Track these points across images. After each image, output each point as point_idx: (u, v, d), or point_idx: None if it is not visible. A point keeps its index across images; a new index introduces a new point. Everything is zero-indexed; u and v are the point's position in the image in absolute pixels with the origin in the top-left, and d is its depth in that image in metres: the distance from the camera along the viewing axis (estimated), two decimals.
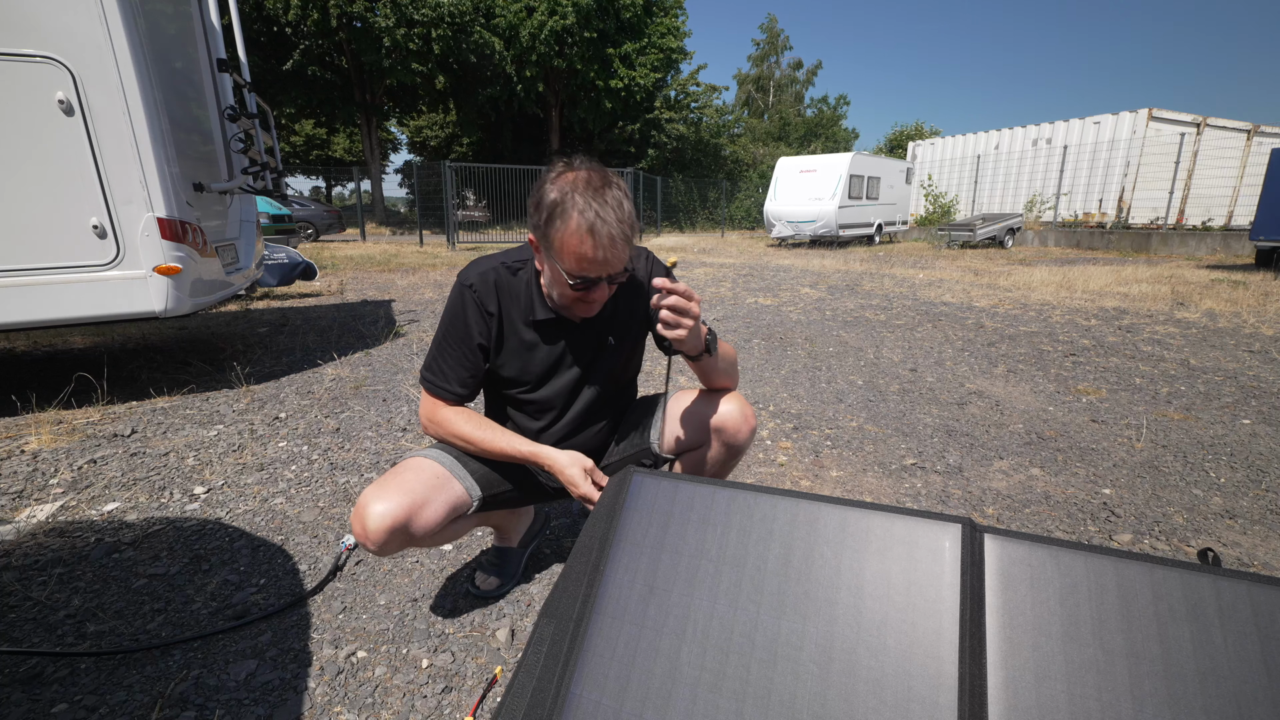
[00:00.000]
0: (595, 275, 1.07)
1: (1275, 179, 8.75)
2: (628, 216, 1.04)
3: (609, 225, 1.01)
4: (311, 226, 15.07)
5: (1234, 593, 0.65)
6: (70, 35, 2.44)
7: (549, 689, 0.76)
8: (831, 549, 0.77)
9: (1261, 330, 4.71)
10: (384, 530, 1.10)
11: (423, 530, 1.16)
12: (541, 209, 1.05)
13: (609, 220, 1.01)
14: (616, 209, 1.02)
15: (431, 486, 1.18)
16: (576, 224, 1.01)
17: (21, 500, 1.93)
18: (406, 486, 1.15)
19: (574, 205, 1.01)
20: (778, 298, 6.45)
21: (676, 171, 26.95)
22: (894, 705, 0.66)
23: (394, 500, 1.12)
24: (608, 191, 1.03)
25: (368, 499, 1.12)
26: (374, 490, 1.14)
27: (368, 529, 1.10)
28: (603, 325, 1.27)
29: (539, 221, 1.07)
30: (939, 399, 3.05)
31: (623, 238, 1.03)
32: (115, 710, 1.13)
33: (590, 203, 1.01)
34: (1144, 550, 1.72)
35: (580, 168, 1.06)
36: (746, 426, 1.30)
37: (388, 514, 1.11)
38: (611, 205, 1.02)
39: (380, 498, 1.12)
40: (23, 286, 2.54)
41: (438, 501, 1.18)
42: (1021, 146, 17.04)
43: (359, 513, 1.12)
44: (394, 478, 1.17)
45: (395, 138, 34.75)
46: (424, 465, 1.22)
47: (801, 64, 39.08)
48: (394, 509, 1.11)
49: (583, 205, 1.01)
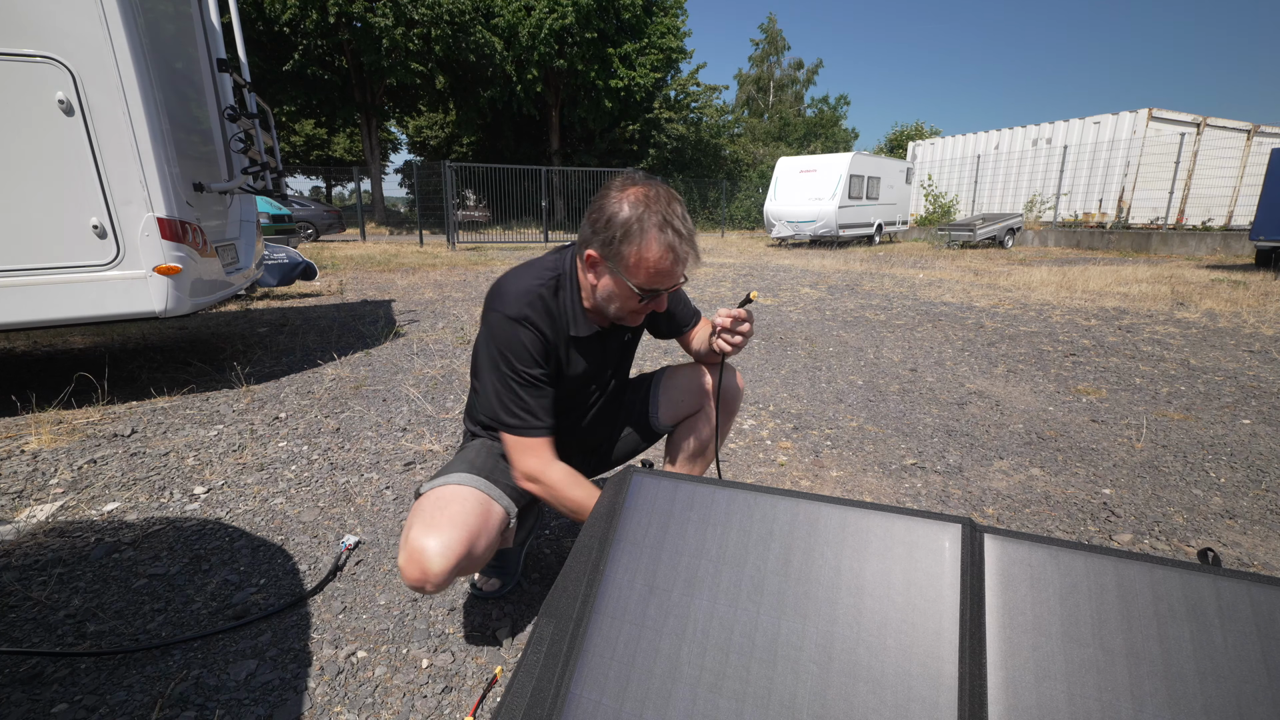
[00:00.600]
0: (664, 287, 1.12)
1: (1275, 179, 8.75)
2: (694, 230, 1.11)
3: (686, 242, 1.08)
4: (311, 226, 15.07)
5: (1234, 593, 0.65)
6: (70, 35, 2.44)
7: (549, 689, 0.76)
8: (831, 549, 0.77)
9: (1261, 330, 4.71)
10: (448, 570, 1.03)
11: (479, 560, 1.11)
12: (613, 226, 1.06)
13: (685, 236, 1.07)
14: (684, 223, 1.08)
15: (480, 514, 1.12)
16: (656, 241, 1.05)
17: (21, 500, 1.93)
18: (458, 519, 1.08)
19: (651, 223, 1.05)
20: (778, 298, 6.45)
21: (676, 171, 26.96)
22: (894, 705, 0.66)
23: (449, 535, 1.05)
24: (676, 206, 1.08)
25: (421, 539, 1.04)
26: (423, 529, 1.06)
27: (430, 571, 1.02)
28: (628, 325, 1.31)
29: (608, 238, 1.07)
30: (939, 399, 3.05)
31: (693, 255, 1.11)
32: (115, 710, 1.13)
33: (667, 221, 1.06)
34: (1144, 550, 1.72)
35: (642, 183, 1.09)
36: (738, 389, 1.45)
37: (450, 551, 1.03)
38: (683, 221, 1.08)
39: (434, 535, 1.04)
40: (23, 286, 2.54)
41: (490, 528, 1.13)
42: (1021, 146, 17.05)
43: (415, 557, 1.03)
44: (439, 512, 1.09)
45: (395, 138, 34.76)
46: (465, 494, 1.14)
47: (802, 64, 39.08)
48: (453, 544, 1.04)
49: (660, 222, 1.05)
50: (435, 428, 2.60)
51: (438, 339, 4.30)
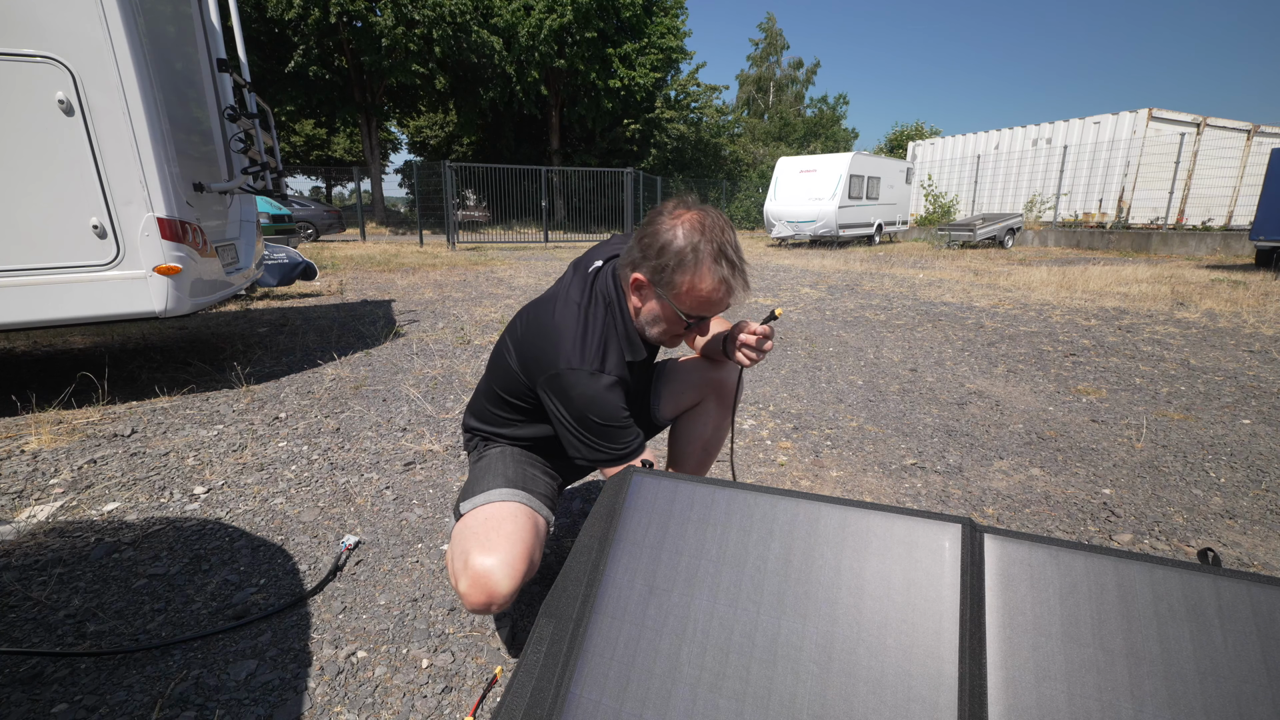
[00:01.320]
0: (711, 315, 1.14)
1: (1275, 179, 8.75)
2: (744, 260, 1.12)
3: (739, 274, 1.09)
4: (311, 226, 15.08)
5: (1234, 593, 0.65)
6: (70, 35, 2.44)
7: (549, 689, 0.76)
8: (831, 549, 0.77)
9: (1261, 330, 4.71)
10: (515, 590, 1.03)
11: (533, 573, 1.12)
12: (666, 254, 1.06)
13: (738, 267, 1.09)
14: (737, 254, 1.08)
15: (530, 528, 1.13)
16: (710, 272, 1.06)
17: (21, 500, 1.93)
18: (514, 536, 1.08)
19: (706, 253, 1.05)
20: (778, 298, 6.45)
21: (677, 171, 26.96)
22: (894, 705, 0.66)
23: (507, 551, 1.05)
24: (729, 235, 1.08)
25: (479, 559, 1.03)
26: (482, 551, 1.04)
27: (497, 592, 1.01)
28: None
29: (661, 265, 1.07)
30: (939, 399, 3.05)
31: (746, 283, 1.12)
32: (115, 710, 1.13)
33: (721, 252, 1.06)
34: (1144, 550, 1.72)
35: (696, 209, 1.10)
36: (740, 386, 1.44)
37: (514, 569, 1.03)
38: (736, 251, 1.08)
39: (493, 554, 1.03)
40: (23, 286, 2.54)
41: (541, 539, 1.16)
42: (1021, 146, 17.05)
43: (480, 581, 1.01)
44: (494, 531, 1.09)
45: (395, 138, 34.75)
46: (514, 510, 1.15)
47: (802, 63, 39.06)
48: (514, 560, 1.04)
49: (715, 253, 1.06)
50: (435, 428, 2.60)
51: (438, 339, 4.31)
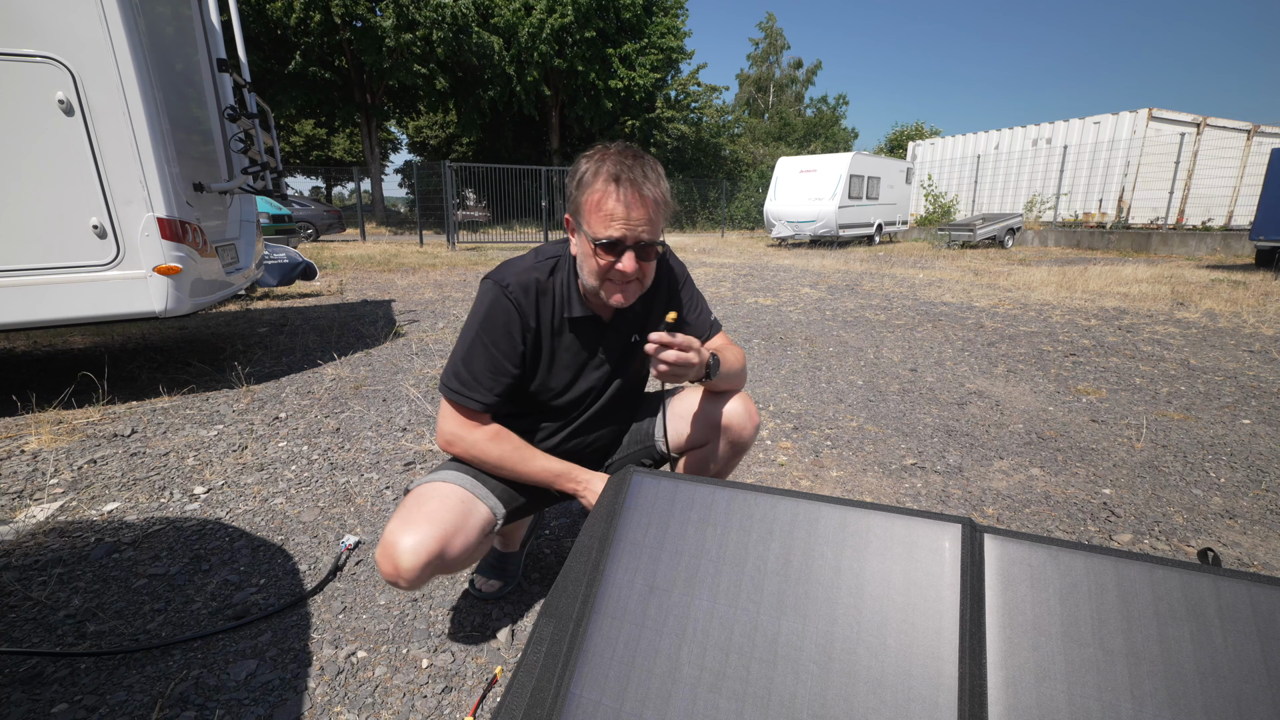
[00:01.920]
0: (620, 235, 1.04)
1: (1275, 179, 8.75)
2: (657, 180, 1.06)
3: (634, 178, 1.04)
4: (311, 226, 15.07)
5: (1234, 593, 0.65)
6: (70, 35, 2.44)
7: (549, 689, 0.76)
8: (831, 549, 0.77)
9: (1261, 330, 4.70)
10: (419, 567, 1.04)
11: (455, 559, 1.10)
12: (574, 178, 1.09)
13: (635, 176, 1.04)
14: (645, 169, 1.05)
15: (459, 513, 1.11)
16: (604, 178, 1.04)
17: (21, 500, 1.93)
18: (435, 517, 1.08)
19: (604, 166, 1.05)
20: (778, 298, 6.45)
21: (677, 171, 26.96)
22: (894, 705, 0.66)
23: (423, 532, 1.05)
24: (641, 158, 1.07)
25: (395, 535, 1.05)
26: (399, 525, 1.07)
27: (400, 567, 1.03)
28: (628, 321, 1.26)
29: (571, 191, 1.09)
30: (939, 399, 3.05)
31: (651, 197, 1.05)
32: (115, 710, 1.13)
33: (621, 161, 1.05)
34: (1144, 550, 1.72)
35: (612, 145, 1.10)
36: (751, 424, 1.30)
37: (421, 548, 1.03)
38: (642, 165, 1.05)
39: (408, 531, 1.05)
40: (23, 286, 2.54)
41: (468, 528, 1.11)
42: (1021, 146, 17.05)
43: (388, 551, 1.04)
44: (417, 509, 1.10)
45: (395, 138, 34.76)
46: (447, 491, 1.14)
47: (801, 63, 39.09)
48: (425, 541, 1.04)
49: (612, 164, 1.05)
50: (435, 428, 2.60)
51: (438, 339, 4.30)
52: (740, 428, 1.29)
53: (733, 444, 1.32)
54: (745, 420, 1.29)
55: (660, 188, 1.07)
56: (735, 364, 1.29)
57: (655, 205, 1.06)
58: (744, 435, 1.30)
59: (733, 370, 1.27)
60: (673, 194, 1.13)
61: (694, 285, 1.36)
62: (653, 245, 1.09)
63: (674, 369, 1.06)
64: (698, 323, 1.33)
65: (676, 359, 1.05)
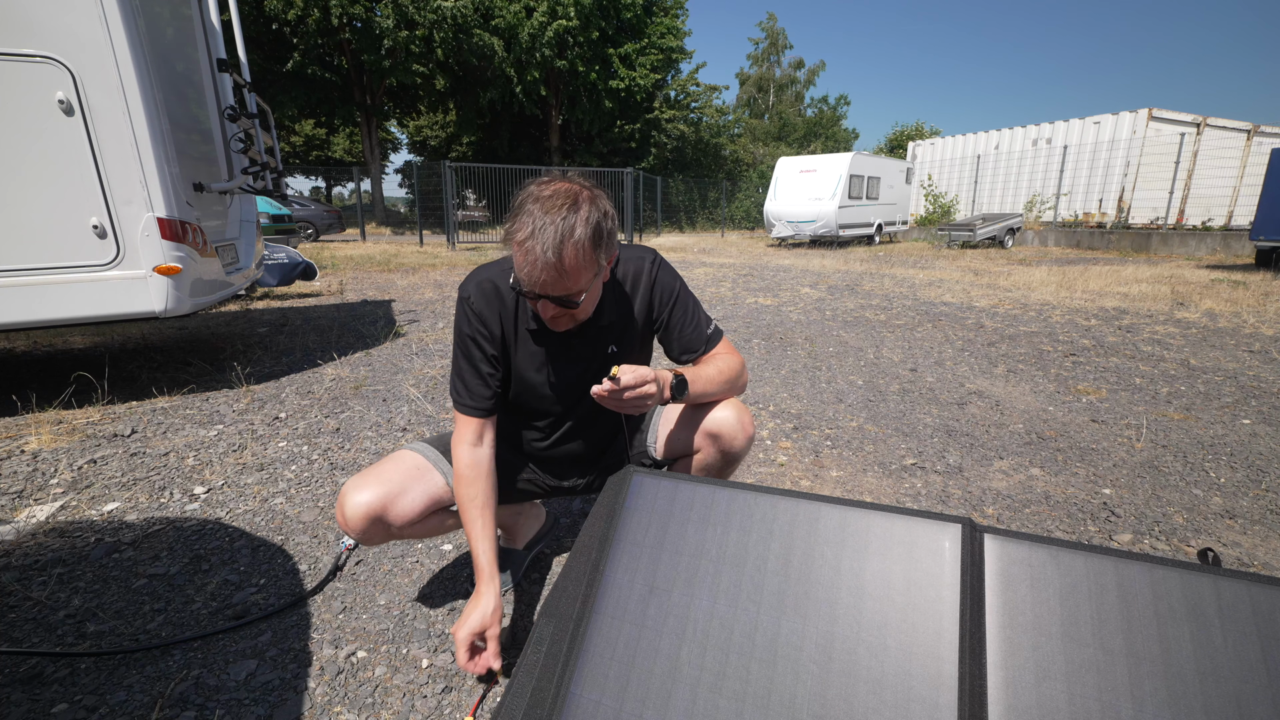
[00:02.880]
0: (529, 289, 1.02)
1: (1275, 179, 8.75)
2: (572, 241, 0.97)
3: (540, 245, 0.96)
4: (311, 226, 15.06)
5: (1234, 593, 0.65)
6: (70, 35, 2.44)
7: (549, 689, 0.76)
8: (831, 549, 0.77)
9: (1261, 330, 4.70)
10: (360, 519, 1.16)
11: (401, 520, 1.20)
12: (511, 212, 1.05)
13: (544, 241, 0.96)
14: (559, 229, 0.96)
15: (409, 477, 1.23)
16: (520, 236, 0.98)
17: (21, 500, 1.93)
18: (385, 477, 1.21)
19: (525, 215, 0.99)
20: (778, 298, 6.45)
21: (677, 171, 26.96)
22: (894, 705, 0.66)
23: (371, 490, 1.17)
24: (562, 211, 0.97)
25: (347, 489, 1.18)
26: (354, 481, 1.20)
27: (346, 518, 1.16)
28: (600, 333, 1.22)
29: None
30: (939, 399, 3.05)
31: (555, 263, 0.97)
32: (115, 710, 1.13)
33: (537, 218, 0.97)
34: (1144, 550, 1.72)
35: (562, 180, 1.02)
36: (743, 434, 1.26)
37: (363, 503, 1.16)
38: (555, 226, 0.96)
39: (359, 488, 1.18)
40: (23, 286, 2.54)
41: (414, 492, 1.22)
42: (1021, 146, 17.05)
43: (340, 502, 1.18)
44: (374, 470, 1.23)
45: (395, 138, 34.74)
46: (404, 456, 1.27)
47: (803, 63, 39.08)
48: (370, 499, 1.16)
49: (526, 219, 0.98)
50: (435, 428, 2.60)
51: (438, 339, 4.30)
52: (731, 437, 1.26)
53: (724, 453, 1.28)
54: (736, 430, 1.25)
55: (570, 241, 0.97)
56: (717, 378, 1.24)
57: (559, 271, 0.98)
58: (734, 445, 1.27)
59: (712, 386, 1.23)
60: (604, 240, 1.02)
61: (689, 298, 1.29)
62: (567, 299, 1.04)
63: (630, 406, 1.06)
64: (692, 337, 1.28)
65: (630, 398, 1.05)
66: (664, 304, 1.26)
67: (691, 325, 1.28)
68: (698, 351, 1.29)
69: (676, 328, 1.27)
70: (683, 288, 1.29)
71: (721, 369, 1.25)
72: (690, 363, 1.30)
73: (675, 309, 1.27)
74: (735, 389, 1.29)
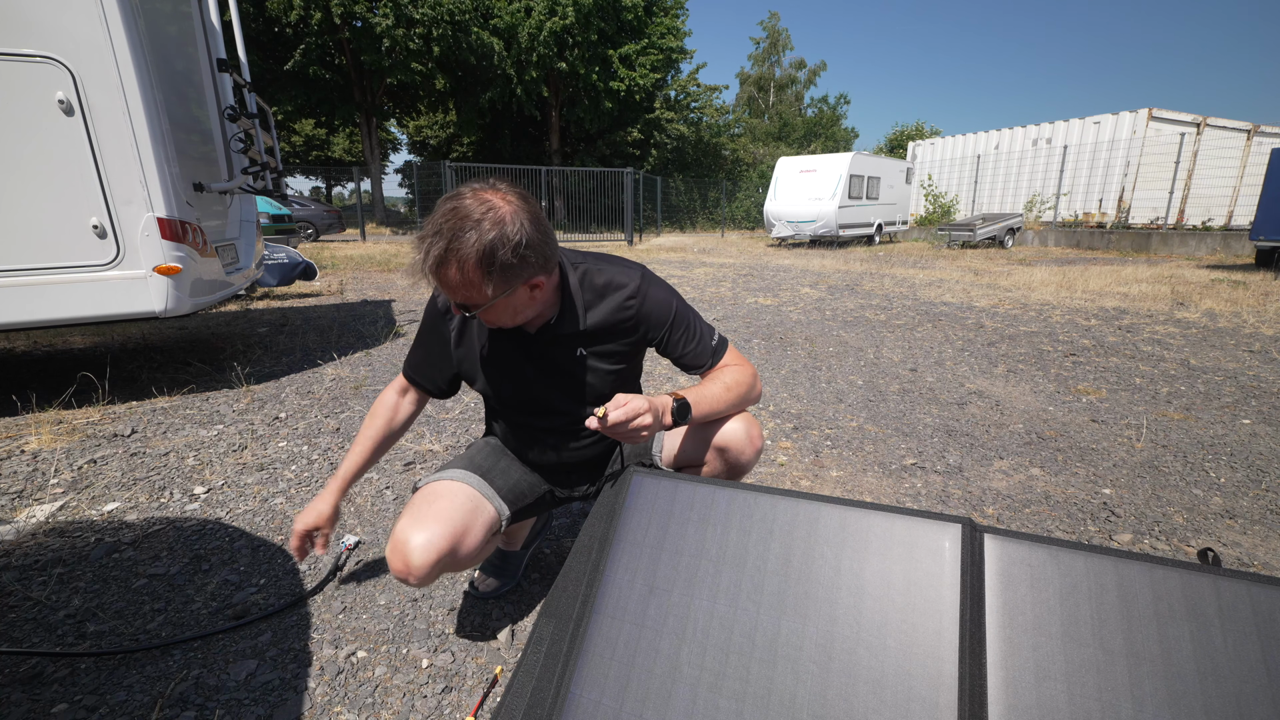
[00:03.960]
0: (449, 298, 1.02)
1: (1275, 179, 8.75)
2: (462, 255, 0.94)
3: (429, 253, 0.95)
4: (311, 226, 15.05)
5: (1234, 593, 0.65)
6: (70, 35, 2.44)
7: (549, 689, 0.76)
8: (831, 549, 0.77)
9: (1261, 330, 4.70)
10: (429, 564, 1.05)
11: (465, 558, 1.12)
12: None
13: (432, 250, 0.94)
14: (450, 243, 0.94)
15: (468, 512, 1.14)
16: (420, 239, 0.98)
17: (21, 500, 1.93)
18: (444, 515, 1.10)
19: (429, 222, 0.97)
20: (778, 298, 6.45)
21: (677, 172, 26.96)
22: (894, 705, 0.66)
23: (433, 530, 1.07)
24: (457, 225, 0.94)
25: (406, 532, 1.07)
26: (410, 522, 1.08)
27: (411, 564, 1.04)
28: (571, 337, 1.19)
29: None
30: (939, 399, 3.05)
31: (447, 279, 0.96)
32: (115, 710, 1.13)
33: (433, 224, 0.95)
34: (1144, 550, 1.72)
35: (480, 191, 0.98)
36: (751, 448, 1.23)
37: (432, 546, 1.05)
38: (446, 238, 0.94)
39: (419, 529, 1.07)
40: (23, 286, 2.53)
41: (476, 527, 1.14)
42: (1021, 146, 17.05)
43: (399, 549, 1.06)
44: (427, 506, 1.12)
45: (395, 138, 34.75)
46: (455, 490, 1.17)
47: (804, 64, 39.01)
48: (436, 539, 1.06)
49: (428, 225, 0.97)
50: (435, 428, 2.60)
51: None
52: (739, 450, 1.22)
53: (731, 466, 1.25)
54: (744, 443, 1.22)
55: (460, 255, 0.94)
56: (725, 395, 1.20)
57: (444, 284, 0.98)
58: (742, 458, 1.24)
59: (720, 404, 1.19)
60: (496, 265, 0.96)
61: (688, 312, 1.25)
62: (467, 305, 1.02)
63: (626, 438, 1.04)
64: (697, 353, 1.24)
65: (627, 432, 1.02)
66: (661, 324, 1.22)
67: (694, 341, 1.24)
68: (704, 366, 1.26)
69: (679, 346, 1.24)
70: (679, 303, 1.24)
71: (729, 385, 1.21)
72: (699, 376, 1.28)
73: (674, 328, 1.23)
74: (746, 403, 1.26)
